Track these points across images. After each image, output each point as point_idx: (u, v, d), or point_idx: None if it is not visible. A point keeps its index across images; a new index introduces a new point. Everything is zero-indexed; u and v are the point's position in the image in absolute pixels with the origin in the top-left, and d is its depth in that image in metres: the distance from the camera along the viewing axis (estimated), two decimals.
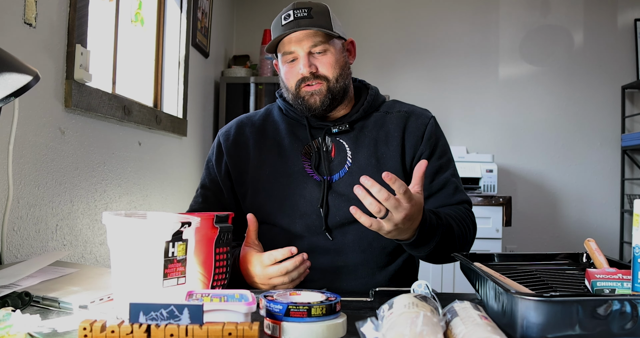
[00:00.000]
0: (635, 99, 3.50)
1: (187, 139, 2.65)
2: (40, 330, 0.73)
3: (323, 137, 1.23)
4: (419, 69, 3.57)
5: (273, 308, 0.71)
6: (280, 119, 1.30)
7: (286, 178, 1.22)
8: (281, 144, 1.26)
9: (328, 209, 1.19)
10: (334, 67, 1.19)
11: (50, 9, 1.45)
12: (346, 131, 1.23)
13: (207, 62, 3.02)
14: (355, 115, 1.24)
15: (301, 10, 1.16)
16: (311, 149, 1.23)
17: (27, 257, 1.32)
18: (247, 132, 1.29)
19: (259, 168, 1.25)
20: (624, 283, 0.79)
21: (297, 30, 1.16)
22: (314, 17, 1.16)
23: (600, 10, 3.50)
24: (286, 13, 1.18)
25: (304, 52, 1.17)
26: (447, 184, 1.22)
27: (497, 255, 1.03)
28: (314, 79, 1.18)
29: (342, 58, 1.21)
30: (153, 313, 0.63)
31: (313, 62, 1.18)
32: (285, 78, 1.23)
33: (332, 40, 1.19)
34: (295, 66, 1.19)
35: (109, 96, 1.74)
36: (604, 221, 3.47)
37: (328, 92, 1.19)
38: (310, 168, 1.22)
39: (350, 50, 1.28)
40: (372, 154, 1.21)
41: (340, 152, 1.22)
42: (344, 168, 1.21)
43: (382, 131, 1.24)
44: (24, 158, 1.34)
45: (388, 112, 1.27)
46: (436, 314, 0.66)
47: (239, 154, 1.27)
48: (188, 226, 0.80)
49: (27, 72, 0.85)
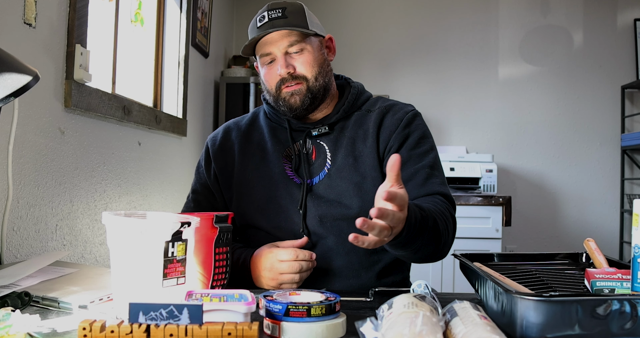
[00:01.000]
0: (635, 98, 3.50)
1: (187, 139, 2.66)
2: (39, 330, 0.73)
3: (304, 140, 1.22)
4: (419, 69, 3.57)
5: (272, 308, 0.71)
6: (265, 123, 1.29)
7: (268, 181, 1.21)
8: (264, 148, 1.25)
9: (306, 211, 1.18)
10: (312, 66, 1.17)
11: (50, 9, 1.45)
12: (326, 133, 1.22)
13: (207, 62, 3.02)
14: (335, 116, 1.23)
15: (275, 10, 1.16)
16: (292, 152, 1.23)
17: (27, 257, 1.32)
18: (233, 137, 1.29)
19: (242, 172, 1.25)
20: (623, 283, 0.79)
21: (272, 31, 1.15)
22: (289, 17, 1.15)
23: (599, 10, 3.50)
24: (261, 15, 1.17)
25: (281, 53, 1.16)
26: (416, 175, 1.15)
27: (497, 255, 1.03)
28: (292, 80, 1.16)
29: (320, 56, 1.20)
30: (152, 313, 0.63)
31: (290, 63, 1.16)
32: (265, 80, 1.21)
33: (308, 39, 1.18)
34: (273, 68, 1.18)
35: (108, 96, 1.74)
36: (604, 221, 3.47)
37: (308, 92, 1.17)
38: (291, 170, 1.22)
39: (330, 46, 1.26)
40: (350, 154, 1.19)
41: (321, 154, 1.21)
42: (324, 170, 1.20)
43: (360, 129, 1.22)
44: (23, 158, 1.34)
45: (370, 110, 1.25)
46: (435, 314, 0.66)
47: (225, 159, 1.28)
48: (188, 226, 0.80)
49: (27, 72, 0.85)
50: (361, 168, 1.18)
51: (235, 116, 1.41)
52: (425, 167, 1.16)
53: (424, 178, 1.15)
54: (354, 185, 1.17)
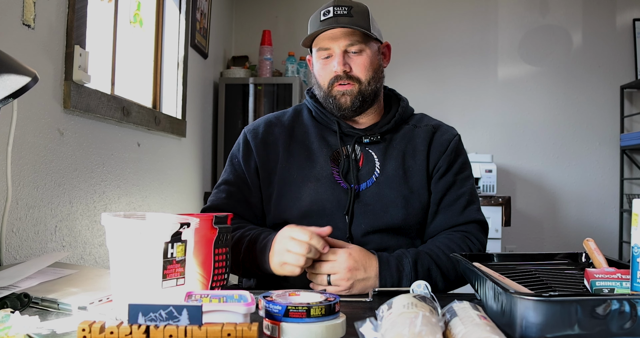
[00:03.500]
0: (634, 98, 3.50)
1: (186, 140, 2.65)
2: (39, 332, 0.73)
3: (353, 145, 1.22)
4: (418, 70, 3.57)
5: (272, 309, 0.71)
6: (310, 122, 1.27)
7: (314, 183, 1.20)
8: (310, 148, 1.23)
9: (353, 217, 1.17)
10: (367, 69, 1.18)
11: (49, 10, 1.45)
12: (376, 141, 1.23)
13: (206, 63, 3.02)
14: (386, 126, 1.24)
15: (341, 7, 1.15)
16: (340, 156, 1.22)
17: (26, 258, 1.32)
18: (277, 132, 1.26)
19: (287, 169, 1.22)
20: (623, 283, 0.79)
21: (335, 27, 1.14)
22: (354, 16, 1.15)
23: (598, 10, 3.50)
24: (326, 9, 1.16)
25: (340, 50, 1.16)
26: (458, 201, 1.22)
27: (497, 255, 1.03)
28: (346, 79, 1.17)
29: (376, 61, 1.21)
30: (152, 314, 0.63)
31: (347, 62, 1.17)
32: (318, 74, 1.21)
33: (368, 42, 1.18)
34: (329, 63, 1.18)
35: (107, 97, 1.74)
36: (603, 221, 3.47)
37: (359, 94, 1.18)
38: (338, 174, 1.20)
39: (385, 53, 1.27)
40: (400, 166, 1.21)
41: (369, 162, 1.21)
42: (372, 178, 1.20)
43: (410, 144, 1.24)
44: (22, 159, 1.34)
45: (417, 125, 1.27)
46: (435, 314, 0.66)
47: (267, 153, 1.24)
48: (187, 227, 0.80)
49: (26, 73, 0.85)
50: (409, 183, 1.20)
51: (234, 117, 1.40)
52: (466, 194, 1.23)
53: (464, 206, 1.22)
54: (402, 197, 1.18)
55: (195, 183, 2.79)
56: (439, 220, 1.22)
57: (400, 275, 1.06)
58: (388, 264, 1.06)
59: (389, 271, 1.06)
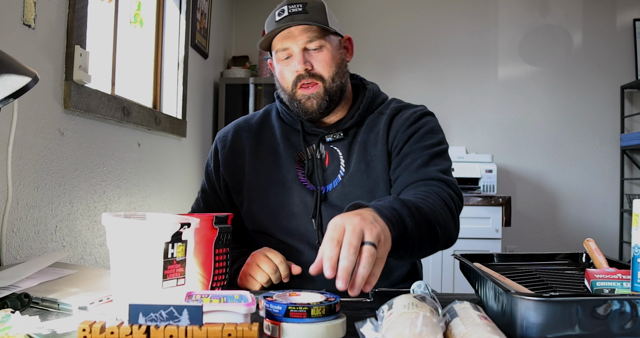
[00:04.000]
0: (635, 99, 3.50)
1: (187, 140, 2.65)
2: (39, 332, 0.73)
3: (317, 144, 1.19)
4: (418, 70, 3.57)
5: (272, 309, 0.71)
6: (277, 123, 1.25)
7: (280, 187, 1.18)
8: (276, 150, 1.21)
9: (321, 220, 1.14)
10: (329, 65, 1.14)
11: (49, 10, 1.45)
12: (340, 138, 1.19)
13: (206, 63, 3.02)
14: (350, 121, 1.19)
15: (296, 5, 1.12)
16: (305, 157, 1.19)
17: (27, 258, 1.32)
18: (244, 138, 1.25)
19: (254, 176, 1.21)
20: (623, 283, 0.79)
21: (291, 26, 1.11)
22: (309, 12, 1.12)
23: (599, 11, 3.50)
24: (280, 9, 1.13)
25: (299, 48, 1.12)
26: (413, 163, 1.10)
27: (497, 255, 1.03)
28: (309, 78, 1.13)
29: (338, 55, 1.17)
30: (152, 314, 0.63)
31: (308, 59, 1.12)
32: (280, 77, 1.17)
33: (328, 37, 1.14)
34: (290, 64, 1.14)
35: (108, 97, 1.74)
36: (604, 221, 3.47)
37: (325, 95, 1.14)
38: (303, 176, 1.18)
39: (348, 47, 1.23)
40: (362, 159, 1.16)
41: (334, 160, 1.18)
42: (337, 177, 1.16)
43: (372, 133, 1.18)
44: (23, 159, 1.34)
45: (382, 112, 1.21)
46: (436, 315, 0.66)
47: (235, 162, 1.24)
48: (187, 227, 0.80)
49: (26, 73, 0.85)
50: (373, 173, 1.15)
51: (234, 117, 1.40)
52: (424, 156, 1.11)
53: (420, 165, 1.09)
54: (367, 192, 1.13)
55: (196, 183, 2.79)
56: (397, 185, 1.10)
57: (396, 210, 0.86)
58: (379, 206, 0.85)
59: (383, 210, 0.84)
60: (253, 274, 1.06)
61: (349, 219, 0.75)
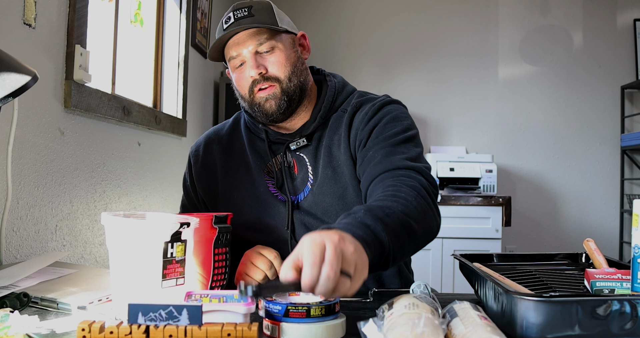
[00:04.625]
0: (635, 99, 3.50)
1: (187, 139, 2.65)
2: (38, 331, 0.73)
3: (284, 153, 1.15)
4: (419, 70, 3.57)
5: (272, 309, 0.71)
6: (245, 133, 1.22)
7: (254, 201, 1.15)
8: (247, 162, 1.19)
9: (294, 230, 1.12)
10: (284, 65, 1.09)
11: (50, 9, 1.45)
12: (305, 145, 1.14)
13: (207, 62, 3.02)
14: (312, 125, 1.14)
15: (241, 10, 1.08)
16: (273, 167, 1.16)
17: (27, 258, 1.32)
18: (215, 150, 1.22)
19: (227, 191, 1.19)
20: (623, 283, 0.79)
21: (238, 31, 1.07)
22: (255, 15, 1.08)
23: (599, 11, 3.50)
24: (227, 16, 1.10)
25: (250, 53, 1.08)
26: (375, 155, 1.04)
27: (497, 255, 1.03)
28: (264, 82, 1.09)
29: (293, 54, 1.12)
30: (152, 314, 0.63)
31: (261, 63, 1.09)
32: (237, 85, 1.13)
33: (279, 37, 1.10)
34: (244, 71, 1.10)
35: (108, 96, 1.74)
36: (604, 221, 3.47)
37: (283, 95, 1.09)
38: (274, 187, 1.15)
39: (304, 44, 1.18)
40: (328, 165, 1.11)
41: (302, 167, 1.14)
42: (307, 185, 1.13)
43: (336, 134, 1.13)
44: (23, 159, 1.34)
45: (345, 110, 1.15)
46: (437, 315, 0.66)
47: (208, 178, 1.22)
48: (187, 226, 0.80)
49: (26, 72, 0.85)
50: (341, 180, 1.11)
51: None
52: (387, 146, 1.04)
53: (383, 156, 1.03)
54: (337, 199, 1.10)
55: None
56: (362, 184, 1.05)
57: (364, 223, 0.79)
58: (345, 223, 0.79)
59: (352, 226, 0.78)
60: (249, 272, 1.05)
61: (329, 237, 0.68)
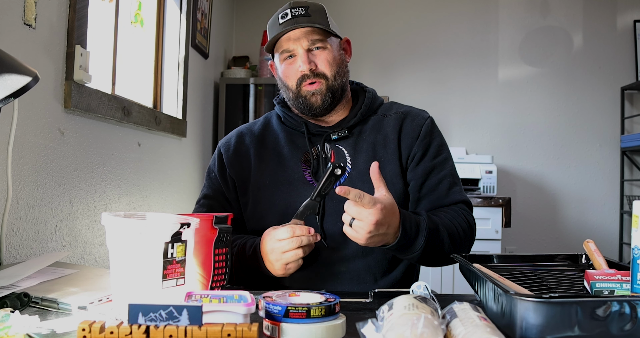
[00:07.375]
0: (635, 100, 3.50)
1: (187, 140, 2.65)
2: (39, 331, 0.73)
3: (322, 144, 1.23)
4: (419, 71, 3.57)
5: (272, 309, 0.71)
6: (279, 128, 1.29)
7: (286, 186, 1.21)
8: (281, 153, 1.25)
9: (323, 217, 1.17)
10: (332, 65, 1.19)
11: (50, 10, 1.45)
12: (345, 136, 1.23)
13: (207, 63, 3.02)
14: (353, 120, 1.24)
15: (298, 8, 1.17)
16: (310, 157, 1.23)
17: (27, 258, 1.32)
18: (247, 141, 1.28)
19: (259, 176, 1.24)
20: (623, 285, 0.79)
21: (295, 28, 1.16)
22: (312, 15, 1.17)
23: (599, 12, 3.50)
24: (283, 12, 1.18)
25: (303, 49, 1.18)
26: (440, 185, 1.21)
27: (497, 256, 1.03)
28: (313, 77, 1.18)
29: (339, 56, 1.22)
30: (152, 314, 0.63)
31: (312, 59, 1.18)
32: (284, 77, 1.22)
33: (329, 38, 1.21)
34: (294, 64, 1.19)
35: (108, 96, 1.74)
36: (603, 222, 3.47)
37: (328, 91, 1.19)
38: (310, 175, 1.21)
39: (346, 49, 1.28)
40: (371, 159, 1.19)
41: (340, 158, 1.22)
42: (344, 174, 1.19)
43: (380, 134, 1.23)
44: (23, 159, 1.34)
45: (386, 114, 1.27)
46: (437, 316, 0.66)
47: (240, 163, 1.27)
48: (187, 227, 0.80)
49: (26, 73, 0.85)
50: (383, 174, 1.15)
51: (235, 117, 1.41)
52: (447, 176, 1.22)
53: (447, 188, 1.21)
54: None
55: (196, 183, 2.79)
56: (424, 206, 1.21)
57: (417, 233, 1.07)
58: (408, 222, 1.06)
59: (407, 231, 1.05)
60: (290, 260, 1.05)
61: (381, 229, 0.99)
